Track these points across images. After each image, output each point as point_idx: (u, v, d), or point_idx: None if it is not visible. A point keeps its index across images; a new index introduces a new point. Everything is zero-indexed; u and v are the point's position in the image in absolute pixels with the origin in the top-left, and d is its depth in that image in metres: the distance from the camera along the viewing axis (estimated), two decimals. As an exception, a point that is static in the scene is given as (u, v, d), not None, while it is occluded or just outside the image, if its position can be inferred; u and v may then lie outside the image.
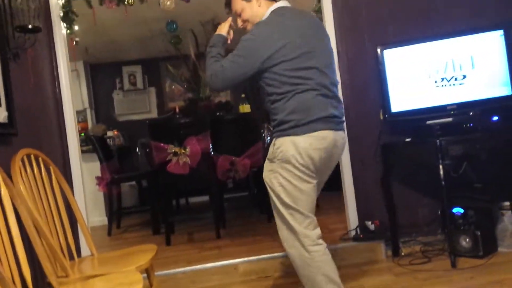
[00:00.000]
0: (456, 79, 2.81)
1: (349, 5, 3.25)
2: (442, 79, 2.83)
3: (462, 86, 2.80)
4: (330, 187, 3.91)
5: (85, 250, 3.00)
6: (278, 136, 2.03)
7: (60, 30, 3.18)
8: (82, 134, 5.38)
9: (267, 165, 2.08)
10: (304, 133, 1.96)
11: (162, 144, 3.78)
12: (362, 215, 3.23)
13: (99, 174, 4.70)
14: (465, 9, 3.23)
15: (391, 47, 2.93)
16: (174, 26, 5.32)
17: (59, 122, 3.17)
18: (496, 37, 2.76)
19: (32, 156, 2.13)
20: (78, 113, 4.09)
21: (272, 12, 2.10)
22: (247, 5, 2.15)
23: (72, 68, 3.44)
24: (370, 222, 3.15)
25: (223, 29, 2.23)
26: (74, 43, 3.35)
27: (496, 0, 3.24)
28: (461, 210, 2.86)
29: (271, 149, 2.05)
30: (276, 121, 2.04)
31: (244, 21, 2.19)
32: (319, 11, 3.29)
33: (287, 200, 2.00)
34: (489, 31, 2.79)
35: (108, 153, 4.89)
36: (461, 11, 3.22)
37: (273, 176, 2.02)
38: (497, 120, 2.86)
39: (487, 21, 3.11)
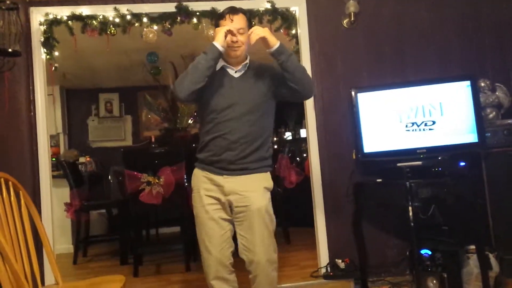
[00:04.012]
0: (426, 124, 2.92)
1: (325, 51, 3.39)
2: (413, 124, 2.94)
3: (431, 132, 2.91)
4: (303, 223, 3.94)
5: (49, 279, 2.90)
6: (268, 170, 2.28)
7: (40, 55, 3.19)
8: (54, 159, 5.27)
9: (265, 195, 2.24)
10: None
11: (135, 173, 3.75)
12: (333, 253, 3.26)
13: (68, 200, 4.60)
14: (435, 60, 3.43)
15: (365, 91, 3.04)
16: (155, 57, 5.36)
17: (31, 146, 3.13)
18: (463, 87, 2.90)
19: (2, 180, 2.09)
20: (50, 137, 4.02)
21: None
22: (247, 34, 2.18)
23: (48, 93, 3.41)
24: (340, 260, 3.18)
25: (219, 38, 2.12)
26: (53, 68, 3.34)
27: (463, 54, 3.44)
28: (429, 252, 2.92)
29: (267, 181, 2.26)
30: (268, 155, 2.27)
31: (239, 42, 2.17)
32: (297, 52, 3.40)
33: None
34: (457, 81, 2.93)
35: (79, 179, 4.80)
36: (431, 62, 3.42)
37: (270, 205, 2.24)
38: (464, 165, 2.98)
39: (455, 72, 3.30)
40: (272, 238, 2.21)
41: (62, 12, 3.21)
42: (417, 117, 2.93)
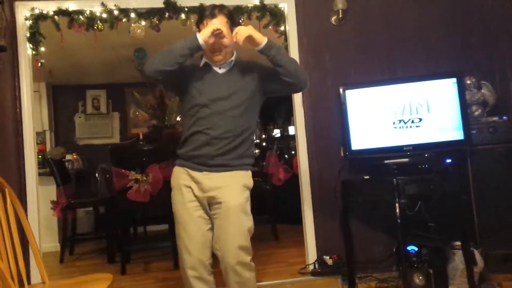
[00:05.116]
0: (413, 122, 2.95)
1: (314, 47, 3.40)
2: (400, 121, 2.96)
3: (418, 129, 2.94)
4: (291, 220, 3.95)
5: (35, 277, 2.88)
6: (249, 169, 2.24)
7: (26, 51, 3.14)
8: (40, 156, 5.22)
9: (243, 193, 2.17)
10: None
11: (123, 170, 3.73)
12: (321, 250, 3.28)
13: (55, 198, 4.56)
14: (423, 57, 3.45)
15: (353, 88, 3.05)
16: (142, 53, 5.32)
17: (17, 143, 3.10)
18: (449, 85, 2.94)
19: (-13, 178, 2.06)
20: (37, 134, 3.98)
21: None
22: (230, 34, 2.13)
23: (34, 89, 3.38)
24: (328, 257, 3.19)
25: (204, 33, 2.08)
26: (39, 64, 3.29)
27: (450, 51, 3.48)
28: (415, 248, 2.95)
29: (246, 179, 2.21)
30: (250, 153, 2.25)
31: (221, 47, 2.14)
32: (285, 49, 3.40)
33: None
34: (443, 78, 2.96)
35: (66, 177, 4.76)
36: (419, 59, 3.44)
37: (248, 204, 2.18)
38: (450, 162, 3.02)
39: (443, 69, 3.33)
40: (246, 238, 2.12)
41: (48, 7, 3.17)
42: (404, 114, 2.96)
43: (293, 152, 5.39)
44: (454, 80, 2.93)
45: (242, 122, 2.18)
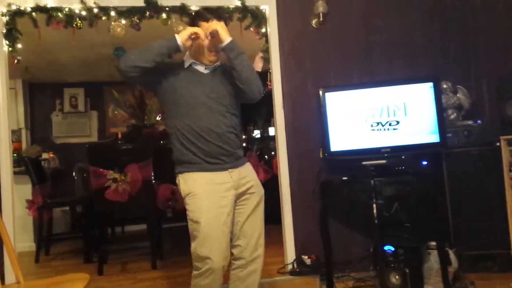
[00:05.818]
0: (390, 124, 3.00)
1: (295, 50, 3.43)
2: (378, 123, 3.01)
3: (395, 131, 3.00)
4: (270, 220, 3.97)
5: (10, 277, 2.83)
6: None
7: (2, 47, 3.08)
8: (15, 155, 5.11)
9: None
10: None
11: (101, 170, 3.69)
12: (300, 249, 3.30)
13: (30, 197, 4.48)
14: (401, 61, 3.51)
15: (332, 91, 3.09)
16: (122, 52, 5.27)
17: (-8, 141, 3.03)
18: (426, 89, 3.00)
19: (-40, 176, 2.02)
20: (12, 132, 3.88)
21: None
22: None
23: (10, 86, 3.31)
24: (307, 257, 3.22)
25: (183, 35, 2.11)
26: (16, 61, 3.23)
27: (428, 56, 3.55)
28: (392, 248, 3.00)
29: (254, 174, 2.32)
30: (240, 151, 2.28)
31: (217, 51, 2.18)
32: (266, 51, 3.42)
33: None
34: (421, 82, 3.02)
35: (42, 176, 4.69)
36: (397, 63, 3.50)
37: None
38: (426, 164, 3.08)
39: (420, 73, 3.40)
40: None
41: (26, 3, 3.11)
42: (382, 117, 3.01)
43: (273, 153, 5.42)
44: (430, 84, 3.00)
45: (233, 119, 2.22)
